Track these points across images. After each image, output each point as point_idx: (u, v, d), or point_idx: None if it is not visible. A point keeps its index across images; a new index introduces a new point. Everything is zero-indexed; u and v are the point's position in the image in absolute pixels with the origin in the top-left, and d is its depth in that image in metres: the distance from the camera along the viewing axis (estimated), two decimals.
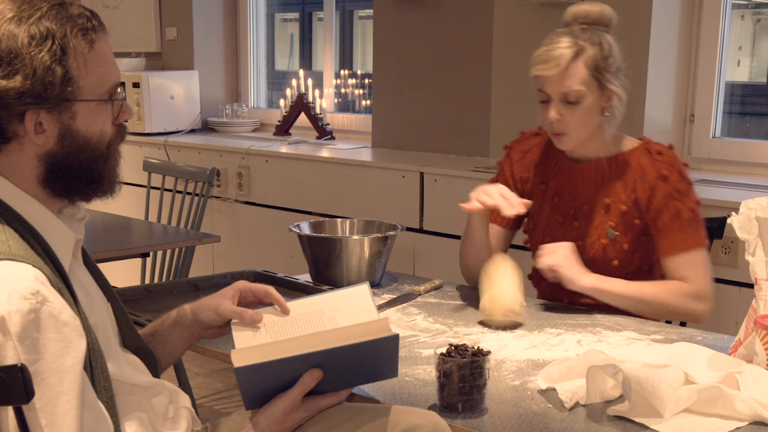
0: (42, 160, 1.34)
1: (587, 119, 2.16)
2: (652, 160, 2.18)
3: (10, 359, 1.19)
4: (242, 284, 1.64)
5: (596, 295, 2.12)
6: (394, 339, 1.50)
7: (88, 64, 1.33)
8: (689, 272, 2.12)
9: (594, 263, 2.19)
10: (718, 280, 2.29)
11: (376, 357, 1.53)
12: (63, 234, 1.38)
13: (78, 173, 1.37)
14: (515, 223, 2.39)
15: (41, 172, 1.35)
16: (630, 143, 2.24)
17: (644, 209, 2.17)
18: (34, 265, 1.25)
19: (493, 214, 2.32)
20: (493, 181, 2.38)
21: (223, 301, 1.61)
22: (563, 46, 2.13)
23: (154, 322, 1.69)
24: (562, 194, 2.27)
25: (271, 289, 1.62)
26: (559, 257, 2.10)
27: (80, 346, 1.26)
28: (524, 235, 2.41)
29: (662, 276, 2.21)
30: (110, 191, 1.44)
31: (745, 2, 3.60)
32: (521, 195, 2.29)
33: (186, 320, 1.64)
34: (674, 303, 2.11)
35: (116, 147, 1.42)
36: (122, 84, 1.42)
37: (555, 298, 2.27)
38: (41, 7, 1.31)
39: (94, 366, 1.31)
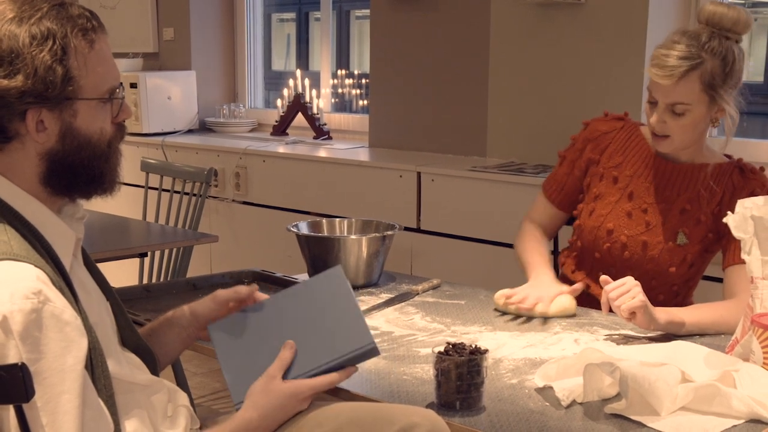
0: (43, 158, 1.35)
1: (692, 129, 2.11)
2: (744, 178, 2.15)
3: (12, 358, 1.20)
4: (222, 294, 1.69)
5: (671, 328, 1.95)
6: (336, 271, 1.62)
7: (88, 64, 1.35)
8: (745, 284, 1.94)
9: (652, 262, 2.17)
10: (714, 279, 2.30)
11: (331, 300, 1.60)
12: (64, 233, 1.39)
13: (79, 171, 1.38)
14: (570, 205, 2.35)
15: (42, 170, 1.36)
16: (722, 158, 2.20)
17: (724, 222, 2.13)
18: (35, 265, 1.26)
19: (549, 188, 2.38)
20: (561, 155, 2.36)
21: (217, 291, 1.66)
22: (681, 56, 2.03)
23: (151, 323, 1.71)
24: (639, 187, 2.22)
25: (247, 289, 1.67)
26: (639, 300, 1.88)
27: (81, 345, 1.27)
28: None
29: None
30: (110, 189, 1.45)
31: (742, 2, 3.61)
32: (584, 175, 2.29)
33: (183, 320, 1.66)
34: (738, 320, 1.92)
35: (116, 145, 1.44)
36: (121, 84, 1.43)
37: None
38: (42, 8, 1.32)
39: (94, 365, 1.31)
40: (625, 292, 1.89)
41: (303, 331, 1.59)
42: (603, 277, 1.95)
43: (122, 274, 3.60)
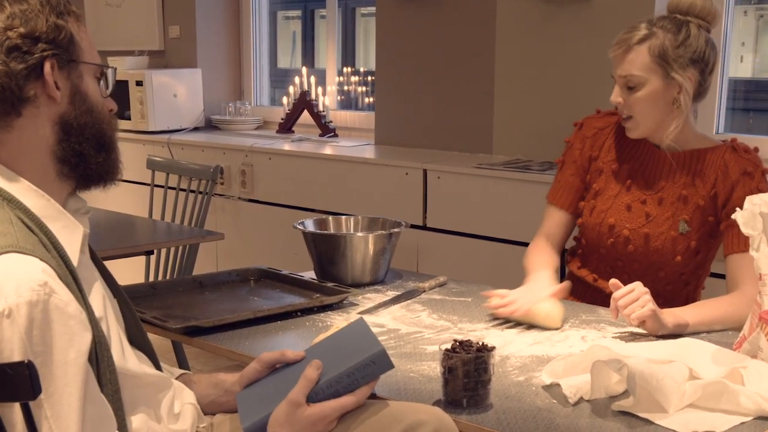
0: (56, 124, 1.39)
1: (651, 107, 2.13)
2: (737, 157, 2.14)
3: (17, 350, 1.20)
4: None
5: (678, 330, 1.94)
6: (359, 322, 1.58)
7: (81, 32, 1.42)
8: (750, 274, 1.95)
9: (657, 254, 2.17)
10: (722, 276, 2.29)
11: (351, 341, 1.55)
12: (72, 227, 1.40)
13: (90, 135, 1.42)
14: (576, 206, 2.33)
15: (55, 140, 1.39)
16: (714, 142, 2.20)
17: (721, 204, 2.12)
18: (41, 259, 1.26)
19: (556, 195, 2.34)
20: (560, 161, 2.36)
21: (263, 354, 1.61)
22: (636, 30, 2.13)
23: (199, 375, 1.71)
24: (636, 179, 2.22)
25: (295, 355, 1.59)
26: (649, 309, 1.88)
27: (84, 339, 1.27)
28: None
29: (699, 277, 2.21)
30: (116, 169, 1.48)
31: None
32: (587, 173, 2.30)
33: (226, 383, 1.66)
34: (746, 314, 1.88)
35: (115, 127, 1.48)
36: (112, 69, 1.51)
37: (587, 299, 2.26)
38: None
39: (100, 359, 1.31)
40: (634, 300, 1.89)
41: (318, 356, 1.52)
42: (612, 281, 1.94)
43: (128, 271, 3.61)
